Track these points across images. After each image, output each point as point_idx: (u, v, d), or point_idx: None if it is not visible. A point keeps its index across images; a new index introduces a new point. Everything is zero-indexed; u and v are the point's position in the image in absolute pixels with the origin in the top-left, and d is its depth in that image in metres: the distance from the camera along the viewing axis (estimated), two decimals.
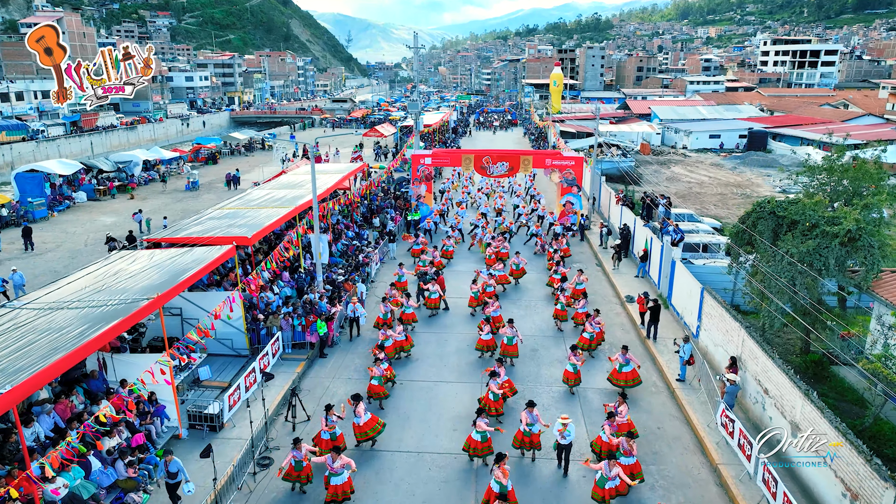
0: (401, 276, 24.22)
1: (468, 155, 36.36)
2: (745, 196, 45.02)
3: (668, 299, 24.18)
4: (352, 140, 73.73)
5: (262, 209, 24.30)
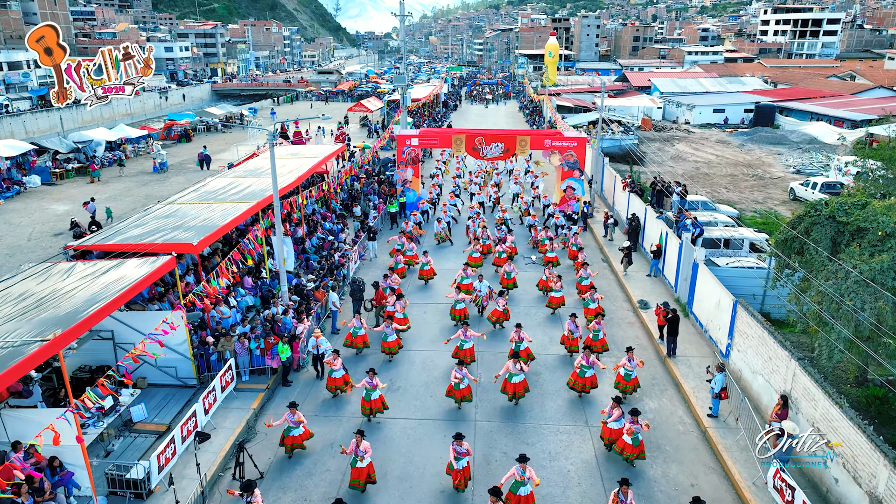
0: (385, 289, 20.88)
1: (459, 135, 32.86)
2: (758, 177, 41.80)
3: (689, 306, 21.09)
4: (338, 115, 69.76)
5: (218, 204, 20.88)
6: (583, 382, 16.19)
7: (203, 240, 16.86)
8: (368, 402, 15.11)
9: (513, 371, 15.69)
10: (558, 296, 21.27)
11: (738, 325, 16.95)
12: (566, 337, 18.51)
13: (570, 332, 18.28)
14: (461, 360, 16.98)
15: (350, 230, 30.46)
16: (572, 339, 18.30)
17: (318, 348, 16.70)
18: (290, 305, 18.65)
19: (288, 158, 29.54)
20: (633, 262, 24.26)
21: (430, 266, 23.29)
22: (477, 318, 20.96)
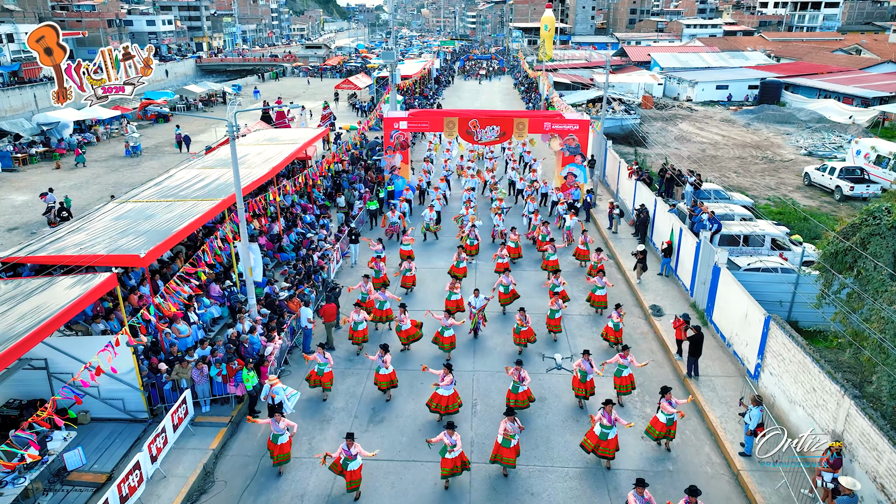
0: (363, 296, 18.51)
1: (451, 118, 30.32)
2: (768, 160, 39.49)
3: (708, 314, 18.93)
4: (326, 93, 66.73)
5: (179, 203, 18.44)
6: (605, 446, 12.97)
7: (153, 251, 14.46)
8: None
9: (511, 433, 12.54)
10: (557, 317, 18.14)
11: (770, 344, 14.79)
12: (577, 379, 15.01)
13: (584, 371, 14.78)
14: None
15: (334, 223, 28.09)
16: (585, 382, 14.94)
17: (273, 398, 13.61)
18: (258, 321, 16.33)
19: (265, 145, 27.05)
20: (647, 268, 21.62)
21: (412, 272, 20.79)
22: (470, 344, 18.10)
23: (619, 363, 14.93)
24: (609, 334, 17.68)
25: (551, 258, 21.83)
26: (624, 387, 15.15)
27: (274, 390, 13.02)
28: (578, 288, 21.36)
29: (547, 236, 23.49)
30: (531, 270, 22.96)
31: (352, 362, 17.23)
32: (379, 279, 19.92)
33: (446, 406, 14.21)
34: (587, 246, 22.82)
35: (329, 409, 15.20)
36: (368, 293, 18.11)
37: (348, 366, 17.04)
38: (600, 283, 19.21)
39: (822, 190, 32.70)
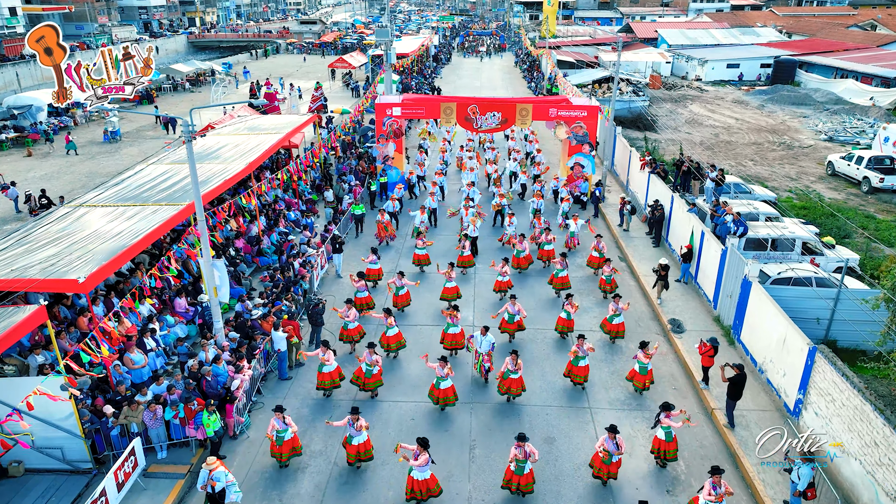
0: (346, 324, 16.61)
1: (449, 104, 27.93)
2: (786, 146, 37.12)
3: (735, 332, 16.87)
4: (322, 72, 63.98)
5: (138, 208, 16.27)
6: None
7: (94, 274, 12.31)
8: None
9: None
10: (583, 364, 14.91)
11: (816, 379, 12.76)
12: (599, 458, 11.96)
13: (606, 452, 11.80)
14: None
15: (321, 218, 25.91)
16: (608, 463, 11.94)
17: (213, 487, 10.62)
18: (225, 347, 14.27)
19: (245, 135, 24.75)
20: (669, 285, 19.05)
21: (406, 290, 18.23)
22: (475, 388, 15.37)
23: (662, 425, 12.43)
24: (636, 379, 14.82)
25: (561, 275, 19.00)
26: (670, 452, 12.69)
27: (214, 476, 10.50)
28: (590, 300, 19.25)
29: (549, 244, 21.05)
30: (537, 283, 20.38)
31: None
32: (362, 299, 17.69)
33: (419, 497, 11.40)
34: (601, 253, 20.40)
35: None
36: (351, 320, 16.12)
37: None
38: (617, 308, 16.63)
39: (847, 180, 30.43)
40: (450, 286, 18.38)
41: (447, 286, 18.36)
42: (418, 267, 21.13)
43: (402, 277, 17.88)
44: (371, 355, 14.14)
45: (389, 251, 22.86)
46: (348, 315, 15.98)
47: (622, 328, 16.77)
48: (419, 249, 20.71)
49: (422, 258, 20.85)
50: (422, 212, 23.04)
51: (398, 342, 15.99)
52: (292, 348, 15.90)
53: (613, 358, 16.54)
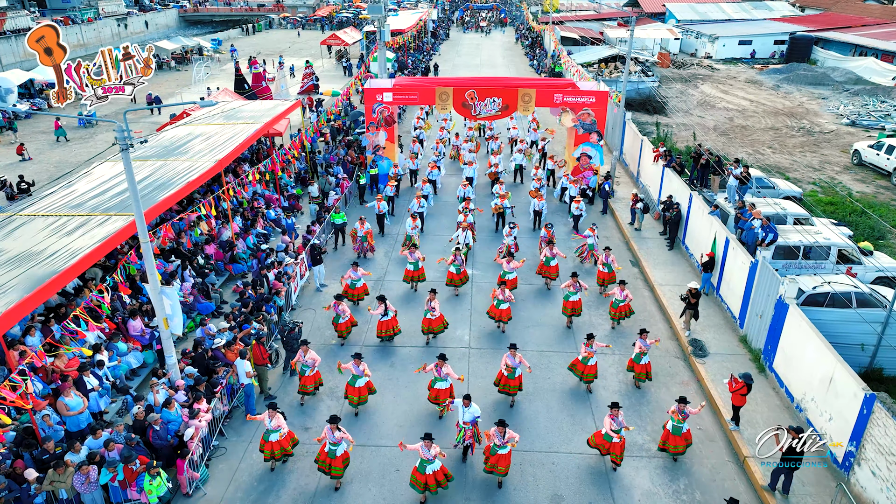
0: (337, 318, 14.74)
1: (445, 88, 25.58)
2: (806, 131, 34.78)
3: (766, 359, 14.84)
4: (314, 47, 61.18)
5: (83, 219, 14.13)
6: None
7: (6, 315, 10.19)
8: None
9: None
10: (613, 442, 11.93)
11: (873, 433, 10.76)
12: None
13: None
14: None
15: (305, 216, 23.79)
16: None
17: None
18: (179, 387, 12.26)
19: (219, 125, 22.50)
20: (697, 313, 16.23)
21: (392, 315, 15.58)
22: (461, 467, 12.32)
23: None
24: (668, 442, 12.31)
25: (571, 298, 16.19)
26: None
27: None
28: (600, 330, 16.58)
29: (553, 259, 17.98)
30: (540, 305, 17.69)
31: None
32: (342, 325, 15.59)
33: None
34: (610, 267, 17.94)
35: None
36: None
37: None
38: (646, 346, 13.92)
39: (875, 171, 28.20)
40: (432, 317, 15.48)
41: (428, 317, 15.48)
42: (410, 284, 18.33)
43: (383, 303, 15.32)
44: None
45: (374, 262, 20.22)
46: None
47: (649, 368, 14.24)
48: (410, 265, 17.95)
49: (414, 274, 17.99)
50: (413, 220, 20.21)
51: (364, 396, 13.19)
52: (262, 377, 13.94)
53: (641, 409, 13.99)
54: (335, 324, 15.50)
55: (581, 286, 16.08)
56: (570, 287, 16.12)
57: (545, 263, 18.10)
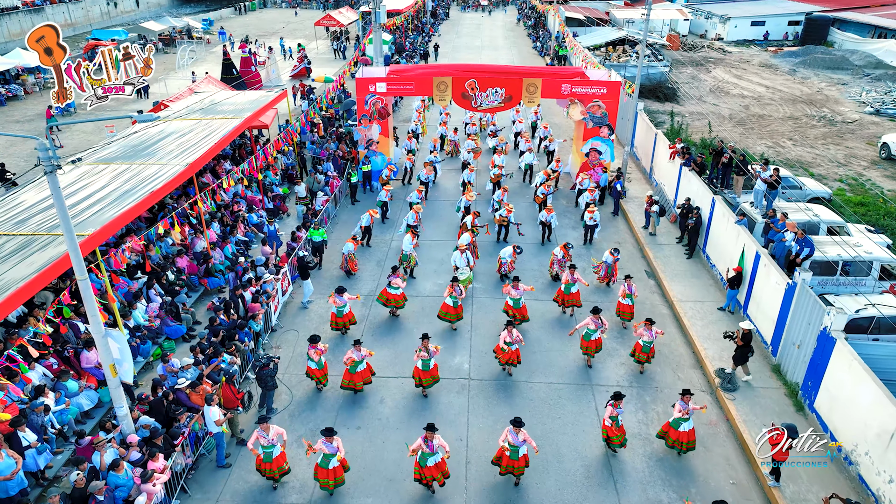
0: None
1: (443, 78, 23.56)
2: (828, 121, 32.75)
3: (805, 395, 13.10)
4: (309, 28, 58.75)
5: (22, 239, 12.28)
6: None
7: None
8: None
9: None
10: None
11: None
12: None
13: None
14: None
15: (292, 218, 21.95)
16: None
17: None
18: (130, 444, 10.51)
19: (196, 119, 20.56)
20: (752, 354, 13.63)
21: (367, 364, 13.25)
22: None
23: None
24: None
25: (592, 337, 13.96)
26: None
27: None
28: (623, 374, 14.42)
29: (574, 285, 15.60)
30: (555, 336, 15.49)
31: None
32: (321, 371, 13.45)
33: None
34: (632, 299, 15.48)
35: None
36: None
37: None
38: (687, 410, 11.55)
39: None
40: (423, 367, 13.06)
41: (420, 367, 13.06)
42: (389, 310, 16.13)
43: (360, 349, 12.94)
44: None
45: (359, 282, 18.06)
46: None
47: (692, 438, 11.76)
48: (393, 288, 15.64)
49: (394, 298, 15.73)
50: (411, 236, 17.70)
51: (340, 478, 10.95)
52: (233, 421, 12.22)
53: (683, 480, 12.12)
54: (309, 369, 13.35)
55: (603, 323, 13.92)
56: (589, 324, 13.94)
57: (564, 291, 15.77)
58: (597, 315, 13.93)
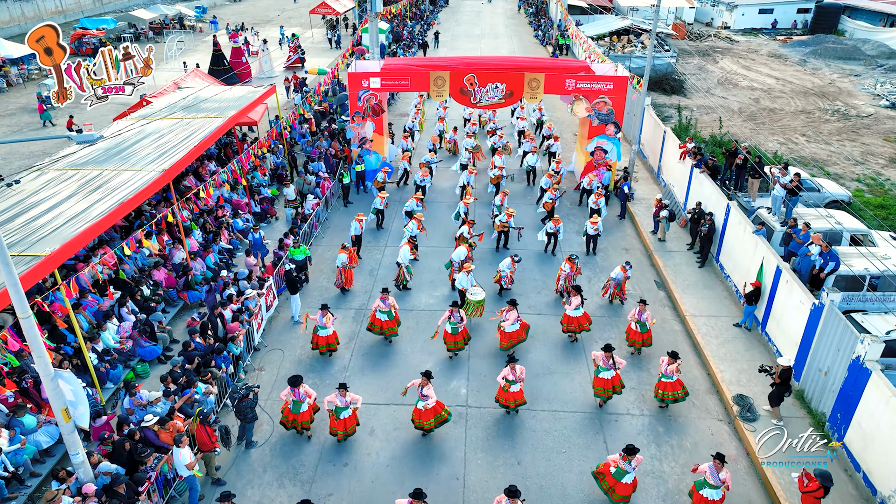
0: None
1: (440, 72, 22.28)
2: (842, 115, 31.47)
3: (834, 427, 11.99)
4: (306, 15, 57.10)
5: None
6: None
7: None
8: None
9: None
10: None
11: None
12: None
13: None
14: None
15: (280, 221, 20.79)
16: None
17: None
18: (86, 496, 9.41)
19: (177, 119, 19.33)
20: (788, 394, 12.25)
21: (352, 411, 11.70)
22: None
23: None
24: None
25: (603, 375, 12.43)
26: None
27: None
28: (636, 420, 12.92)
29: (579, 309, 14.23)
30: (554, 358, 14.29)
31: None
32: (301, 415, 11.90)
33: None
34: (644, 326, 14.00)
35: None
36: None
37: None
38: (716, 480, 9.85)
39: None
40: (424, 406, 11.65)
41: (419, 407, 11.71)
42: (382, 335, 14.62)
43: (346, 393, 11.43)
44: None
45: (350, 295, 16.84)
46: None
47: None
48: (383, 314, 14.13)
49: (387, 326, 14.22)
50: (410, 247, 16.37)
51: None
52: (209, 461, 11.13)
53: None
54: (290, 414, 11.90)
55: (616, 362, 12.40)
56: (601, 361, 12.45)
57: (570, 313, 14.40)
58: (608, 354, 12.35)
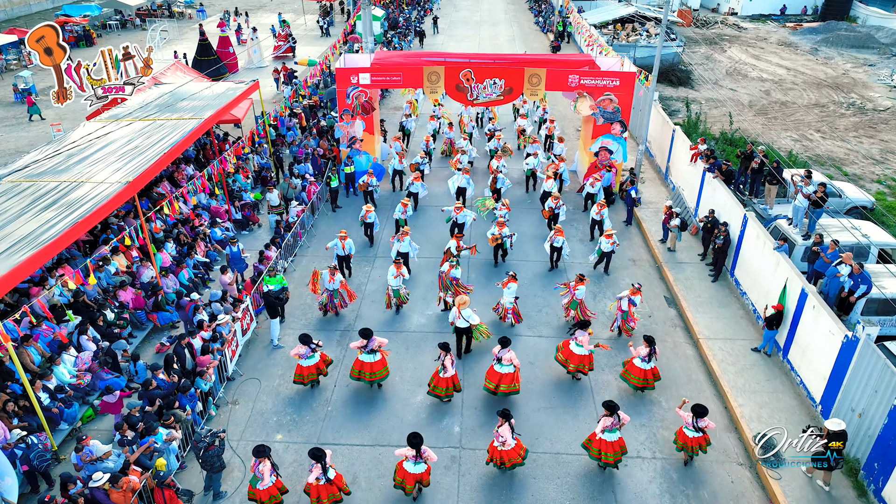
0: None
1: (435, 68, 20.81)
2: (858, 108, 29.98)
3: (870, 480, 10.75)
4: (294, 2, 55.36)
5: None
6: None
7: None
8: None
9: None
10: None
11: None
12: None
13: None
14: None
15: (263, 229, 19.45)
16: None
17: None
18: None
19: (151, 120, 17.88)
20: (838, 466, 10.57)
21: (336, 475, 9.99)
22: None
23: None
24: None
25: (608, 438, 10.63)
26: None
27: None
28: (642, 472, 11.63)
29: (580, 346, 12.65)
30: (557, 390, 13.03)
31: None
32: None
33: None
34: (651, 360, 12.41)
35: None
36: None
37: None
38: None
39: None
40: (414, 470, 10.00)
41: (407, 468, 10.00)
42: (371, 383, 12.80)
43: (322, 463, 9.64)
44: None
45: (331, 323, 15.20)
46: None
47: None
48: (369, 355, 12.25)
49: (375, 368, 12.42)
50: (398, 269, 14.54)
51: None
52: None
53: None
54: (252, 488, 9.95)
55: (622, 419, 10.66)
56: (607, 419, 10.57)
57: (572, 350, 12.84)
58: (611, 413, 10.57)
